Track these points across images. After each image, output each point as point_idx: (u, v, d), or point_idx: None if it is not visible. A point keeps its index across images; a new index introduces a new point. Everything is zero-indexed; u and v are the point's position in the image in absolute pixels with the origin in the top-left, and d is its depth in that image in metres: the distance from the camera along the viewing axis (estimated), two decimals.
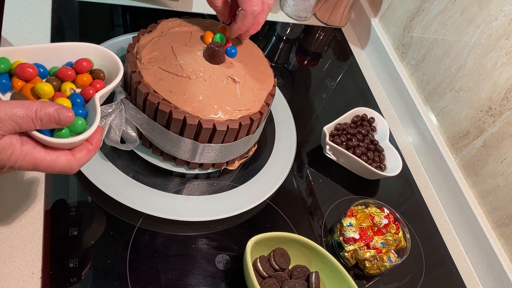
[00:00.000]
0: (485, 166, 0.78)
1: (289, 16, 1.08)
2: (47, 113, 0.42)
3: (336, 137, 0.81)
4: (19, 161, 0.43)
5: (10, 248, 0.57)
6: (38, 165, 0.44)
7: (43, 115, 0.42)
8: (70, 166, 0.46)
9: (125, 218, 0.63)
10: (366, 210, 0.72)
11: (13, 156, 0.42)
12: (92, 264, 0.58)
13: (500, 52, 0.75)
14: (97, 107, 0.47)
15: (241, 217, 0.69)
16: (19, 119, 0.41)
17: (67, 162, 0.45)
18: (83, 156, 0.47)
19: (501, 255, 0.74)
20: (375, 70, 1.06)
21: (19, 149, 0.42)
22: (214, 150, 0.66)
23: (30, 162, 0.43)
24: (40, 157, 0.44)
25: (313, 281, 0.62)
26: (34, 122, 0.42)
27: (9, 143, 0.41)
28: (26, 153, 0.43)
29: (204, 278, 0.61)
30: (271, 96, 0.69)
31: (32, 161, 0.43)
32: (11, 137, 0.42)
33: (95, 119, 0.46)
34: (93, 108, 0.48)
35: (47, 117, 0.42)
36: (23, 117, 0.41)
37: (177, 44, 0.67)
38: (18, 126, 0.41)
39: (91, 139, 0.47)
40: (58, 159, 0.45)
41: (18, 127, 0.41)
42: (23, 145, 0.43)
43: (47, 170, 0.45)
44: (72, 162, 0.46)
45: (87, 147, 0.47)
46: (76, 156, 0.46)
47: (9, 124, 0.41)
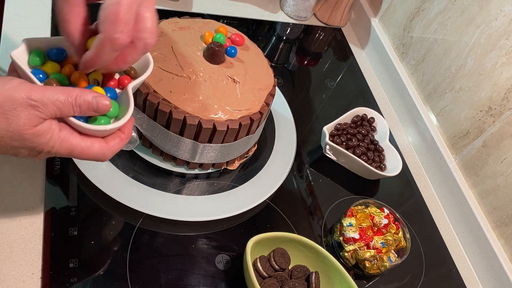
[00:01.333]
0: (485, 166, 0.78)
1: (289, 16, 1.08)
2: (86, 100, 0.44)
3: (336, 137, 0.81)
4: (56, 145, 0.44)
5: (10, 248, 0.57)
6: (73, 151, 0.45)
7: (83, 101, 0.43)
8: (103, 153, 0.47)
9: (125, 218, 0.63)
10: (366, 210, 0.72)
11: (51, 141, 0.43)
12: (92, 264, 0.58)
13: (500, 52, 0.75)
14: (130, 98, 0.48)
15: (241, 217, 0.69)
16: (61, 104, 0.42)
17: (101, 149, 0.46)
18: (116, 144, 0.48)
19: (501, 255, 0.74)
20: (375, 70, 1.06)
21: (57, 134, 0.43)
22: (214, 150, 0.66)
23: (67, 148, 0.44)
24: (75, 143, 0.45)
25: (313, 281, 0.62)
26: (74, 108, 0.43)
27: (49, 127, 0.43)
28: (63, 138, 0.44)
29: (204, 278, 0.61)
30: (271, 96, 0.69)
31: (68, 147, 0.44)
32: (51, 122, 0.43)
33: (128, 109, 0.48)
34: (125, 98, 0.49)
35: (86, 104, 0.44)
36: (64, 103, 0.42)
37: (177, 44, 0.67)
38: (59, 111, 0.42)
39: (123, 128, 0.49)
40: (93, 145, 0.46)
41: (59, 112, 0.42)
42: (61, 131, 0.44)
43: (82, 156, 0.46)
44: (106, 149, 0.47)
45: (119, 136, 0.48)
46: (110, 144, 0.47)
47: (51, 108, 0.42)
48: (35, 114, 0.41)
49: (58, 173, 0.64)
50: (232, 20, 1.01)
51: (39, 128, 0.42)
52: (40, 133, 0.42)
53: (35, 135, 0.42)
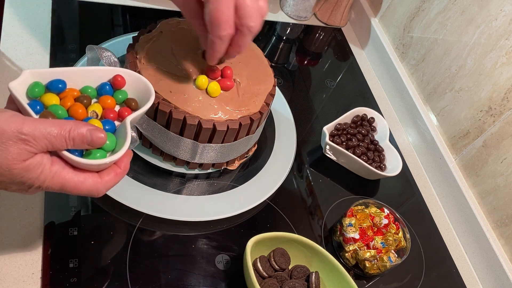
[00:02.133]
0: (485, 166, 0.78)
1: (289, 16, 1.08)
2: (80, 133, 0.42)
3: (336, 137, 0.81)
4: (47, 180, 0.42)
5: (10, 248, 0.57)
6: (65, 186, 0.43)
7: (76, 135, 0.42)
8: (97, 189, 0.45)
9: (125, 218, 0.63)
10: (366, 210, 0.72)
11: (42, 175, 0.42)
12: (92, 264, 0.58)
13: (500, 52, 0.75)
14: (127, 131, 0.46)
15: (241, 217, 0.69)
16: (53, 138, 0.41)
17: (94, 185, 0.45)
18: (111, 179, 0.46)
19: (501, 255, 0.74)
20: (375, 70, 1.06)
21: (49, 168, 0.42)
22: (214, 150, 0.66)
23: (58, 183, 0.43)
24: (68, 178, 0.43)
25: (313, 281, 0.62)
26: (67, 141, 0.42)
27: (40, 162, 0.41)
28: (55, 173, 0.42)
29: (204, 278, 0.61)
30: (271, 96, 0.69)
31: (60, 182, 0.43)
32: (43, 156, 0.41)
33: (124, 142, 0.46)
34: (123, 132, 0.47)
35: (80, 137, 0.42)
36: (56, 136, 0.41)
37: (177, 44, 0.67)
38: (51, 144, 0.41)
39: (119, 162, 0.47)
40: (86, 181, 0.44)
41: (51, 145, 0.41)
42: (52, 165, 0.42)
43: (74, 191, 0.44)
44: (99, 185, 0.45)
45: (115, 170, 0.46)
46: (104, 179, 0.45)
47: (42, 142, 0.40)
48: (25, 148, 0.40)
49: None
50: None
51: (29, 162, 0.40)
52: (30, 168, 0.40)
53: (25, 170, 0.40)
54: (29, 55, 0.75)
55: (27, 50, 0.76)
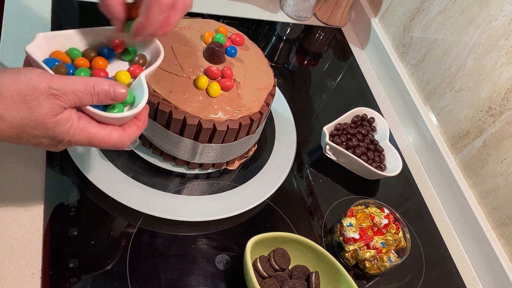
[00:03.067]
0: (485, 166, 0.78)
1: (289, 16, 1.08)
2: (104, 89, 0.45)
3: (336, 137, 0.81)
4: (76, 134, 0.45)
5: (10, 248, 0.57)
6: (92, 140, 0.46)
7: (100, 90, 0.44)
8: (121, 141, 0.48)
9: (125, 218, 0.63)
10: (366, 210, 0.72)
11: (71, 129, 0.44)
12: (92, 264, 0.58)
13: (500, 52, 0.75)
14: (144, 86, 0.49)
15: (241, 217, 0.69)
16: (80, 93, 0.43)
17: (119, 137, 0.47)
18: (133, 131, 0.49)
19: (501, 255, 0.74)
20: (375, 70, 1.06)
21: (77, 123, 0.44)
22: (214, 150, 0.66)
23: (86, 137, 0.45)
24: (94, 131, 0.46)
25: (313, 281, 0.62)
26: (92, 96, 0.44)
27: (69, 116, 0.43)
28: (82, 127, 0.45)
29: (204, 278, 0.61)
30: (271, 96, 0.69)
31: (87, 136, 0.45)
32: (71, 111, 0.44)
33: (143, 97, 0.48)
34: (140, 86, 0.50)
35: (103, 93, 0.45)
36: (83, 92, 0.43)
37: (177, 44, 0.67)
38: (79, 99, 0.43)
39: (139, 116, 0.50)
40: (111, 134, 0.47)
41: (79, 100, 0.43)
42: (80, 120, 0.45)
43: (101, 144, 0.46)
44: (123, 137, 0.48)
45: (136, 123, 0.49)
46: (127, 132, 0.48)
47: (71, 97, 0.43)
48: (56, 103, 0.42)
49: (58, 173, 0.64)
50: (232, 20, 1.01)
51: (60, 117, 0.43)
52: (61, 122, 0.43)
53: (56, 124, 0.43)
54: None
55: None
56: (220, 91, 0.64)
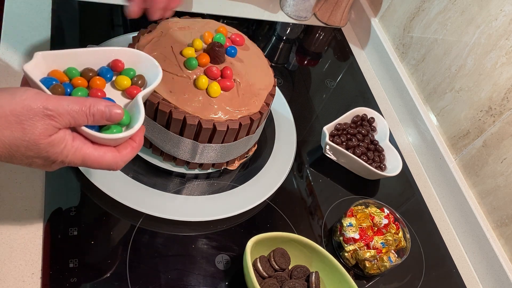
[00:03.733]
0: (485, 166, 0.78)
1: (289, 16, 1.08)
2: (100, 110, 0.45)
3: (336, 137, 0.81)
4: (70, 155, 0.44)
5: (10, 248, 0.57)
6: (86, 160, 0.46)
7: (96, 111, 0.44)
8: (116, 162, 0.47)
9: (125, 218, 0.63)
10: (366, 210, 0.72)
11: (65, 150, 0.44)
12: (92, 264, 0.58)
13: (500, 52, 0.75)
14: (140, 107, 0.49)
15: (241, 217, 0.69)
16: (75, 114, 0.43)
17: (113, 158, 0.47)
18: (128, 152, 0.49)
19: (501, 255, 0.74)
20: (375, 70, 1.06)
21: (71, 144, 0.44)
22: (214, 150, 0.66)
23: (80, 157, 0.45)
24: (88, 152, 0.45)
25: (313, 281, 0.62)
26: (87, 117, 0.44)
27: (63, 137, 0.43)
28: (76, 148, 0.45)
29: (204, 278, 0.61)
30: (271, 96, 0.69)
31: (81, 156, 0.45)
32: (65, 132, 0.44)
33: (139, 118, 0.48)
34: (136, 107, 0.49)
35: (99, 113, 0.45)
36: (78, 112, 0.43)
37: (177, 44, 0.67)
38: (74, 120, 0.43)
39: (134, 137, 0.49)
40: (105, 155, 0.46)
41: (74, 121, 0.43)
42: (74, 140, 0.45)
43: (94, 165, 0.46)
44: (118, 158, 0.48)
45: (131, 145, 0.49)
46: (122, 153, 0.48)
47: (66, 118, 0.43)
48: (51, 123, 0.42)
49: (58, 174, 0.64)
50: (232, 20, 1.01)
51: (54, 137, 0.43)
52: (55, 143, 0.43)
53: (50, 145, 0.43)
54: (29, 55, 0.75)
55: (27, 50, 0.76)
56: (220, 91, 0.64)
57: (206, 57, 0.65)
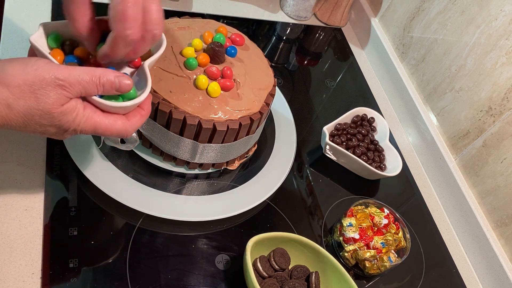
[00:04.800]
0: (485, 166, 0.78)
1: (289, 16, 1.08)
2: (109, 80, 0.45)
3: (336, 137, 0.81)
4: (82, 123, 0.45)
5: (10, 248, 0.57)
6: (97, 128, 0.46)
7: (106, 81, 0.45)
8: (126, 129, 0.48)
9: (125, 218, 0.63)
10: (366, 210, 0.72)
11: (77, 119, 0.45)
12: (92, 264, 0.58)
13: (500, 52, 0.75)
14: (147, 75, 0.50)
15: (241, 217, 0.69)
16: (86, 84, 0.44)
17: (123, 126, 0.48)
18: (137, 120, 0.49)
19: (501, 255, 0.74)
20: (375, 70, 1.06)
21: (82, 112, 0.45)
22: (214, 150, 0.66)
23: (91, 125, 0.46)
24: (99, 120, 0.46)
25: (313, 281, 0.62)
26: (98, 87, 0.45)
27: (75, 106, 0.44)
28: (87, 116, 0.46)
29: (204, 278, 0.61)
30: (271, 96, 0.69)
31: (92, 124, 0.46)
32: (77, 101, 0.45)
33: (146, 85, 0.49)
34: (143, 75, 0.50)
35: (109, 84, 0.45)
36: (89, 82, 0.44)
37: (177, 44, 0.67)
38: (84, 90, 0.44)
39: (143, 105, 0.50)
40: (115, 123, 0.47)
41: (84, 91, 0.44)
42: (85, 109, 0.45)
43: (106, 132, 0.47)
44: (128, 125, 0.48)
45: (140, 112, 0.50)
46: (131, 120, 0.49)
47: (77, 88, 0.43)
48: (63, 93, 0.43)
49: (58, 173, 0.64)
50: (232, 20, 1.01)
51: (66, 106, 0.43)
52: (67, 112, 0.44)
53: (63, 113, 0.43)
54: None
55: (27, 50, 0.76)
56: (220, 91, 0.64)
57: (206, 57, 0.65)
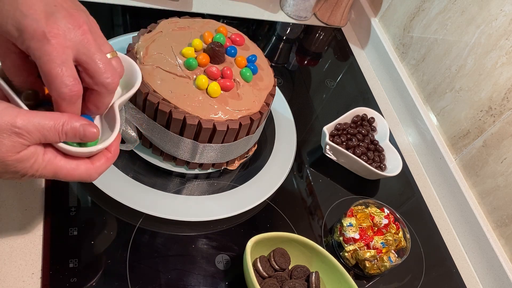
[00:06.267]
0: (485, 166, 0.78)
1: (289, 16, 1.08)
2: (73, 127, 0.42)
3: (336, 137, 0.81)
4: (40, 169, 0.43)
5: (10, 248, 0.57)
6: (58, 173, 0.44)
7: (69, 129, 0.42)
8: (89, 174, 0.46)
9: (125, 218, 0.63)
10: (366, 210, 0.72)
11: (35, 165, 0.42)
12: (92, 264, 0.58)
13: (500, 52, 0.75)
14: (116, 116, 0.47)
15: (241, 217, 0.69)
16: (46, 132, 0.41)
17: (87, 171, 0.45)
18: (102, 164, 0.47)
19: (501, 255, 0.74)
20: (375, 70, 1.06)
21: (41, 158, 0.42)
22: (214, 150, 0.66)
23: (51, 170, 0.43)
24: (60, 165, 0.44)
25: (313, 281, 0.62)
26: (60, 135, 0.42)
27: (33, 152, 0.42)
28: (47, 161, 0.43)
29: (204, 278, 0.61)
30: (271, 96, 0.69)
31: (52, 170, 0.43)
32: (36, 147, 0.42)
33: (114, 127, 0.46)
34: (112, 116, 0.47)
35: (72, 132, 0.42)
36: (50, 130, 0.41)
37: (177, 44, 0.67)
38: (44, 137, 0.41)
39: (109, 147, 0.47)
40: (78, 167, 0.45)
41: (44, 138, 0.41)
42: (45, 154, 0.43)
43: (67, 178, 0.45)
44: (91, 170, 0.46)
45: (106, 155, 0.47)
46: (95, 165, 0.46)
47: (35, 135, 0.41)
48: (19, 141, 0.40)
49: None
50: (232, 20, 1.01)
51: (22, 154, 0.41)
52: (23, 159, 0.41)
53: (18, 161, 0.41)
54: None
55: None
56: (220, 91, 0.64)
57: (206, 57, 0.65)
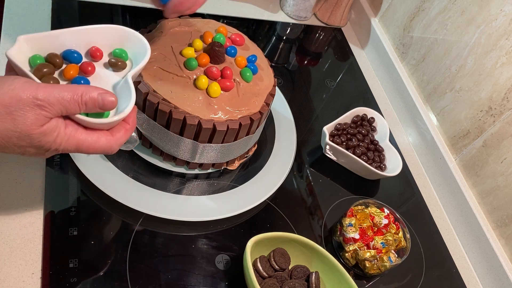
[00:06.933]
0: (485, 166, 0.78)
1: (289, 16, 1.08)
2: (92, 97, 0.43)
3: (336, 137, 0.81)
4: (63, 142, 0.44)
5: (10, 248, 0.57)
6: (80, 146, 0.45)
7: (88, 99, 0.43)
8: (110, 146, 0.47)
9: (125, 218, 0.63)
10: (366, 210, 0.72)
11: (58, 138, 0.43)
12: (92, 264, 0.58)
13: (500, 52, 0.75)
14: (131, 87, 0.48)
15: (241, 217, 0.69)
16: (67, 103, 0.42)
17: (108, 142, 0.46)
18: (122, 135, 0.48)
19: (501, 255, 0.74)
20: (375, 70, 1.06)
21: (64, 131, 0.43)
22: (214, 150, 0.66)
23: (74, 144, 0.44)
24: (82, 138, 0.45)
25: (313, 281, 0.62)
26: (79, 106, 0.43)
27: (56, 125, 0.43)
28: (69, 135, 0.44)
29: (204, 278, 0.61)
30: (271, 96, 0.69)
31: (75, 143, 0.44)
32: (58, 120, 0.43)
33: (130, 99, 0.47)
34: (127, 88, 0.48)
35: (91, 101, 0.44)
36: (70, 101, 0.42)
37: (177, 44, 0.67)
38: (65, 109, 0.42)
39: (127, 119, 0.48)
40: (99, 140, 0.46)
41: (65, 110, 0.43)
42: (66, 127, 0.44)
43: (89, 150, 0.46)
44: (112, 142, 0.47)
45: (124, 127, 0.48)
46: (116, 136, 0.47)
47: (57, 107, 0.42)
48: (42, 113, 0.41)
49: (58, 173, 0.64)
50: (232, 20, 1.01)
51: (46, 127, 0.42)
52: (47, 132, 0.42)
53: (42, 134, 0.42)
54: None
55: None
56: (220, 91, 0.64)
57: (206, 57, 0.65)
